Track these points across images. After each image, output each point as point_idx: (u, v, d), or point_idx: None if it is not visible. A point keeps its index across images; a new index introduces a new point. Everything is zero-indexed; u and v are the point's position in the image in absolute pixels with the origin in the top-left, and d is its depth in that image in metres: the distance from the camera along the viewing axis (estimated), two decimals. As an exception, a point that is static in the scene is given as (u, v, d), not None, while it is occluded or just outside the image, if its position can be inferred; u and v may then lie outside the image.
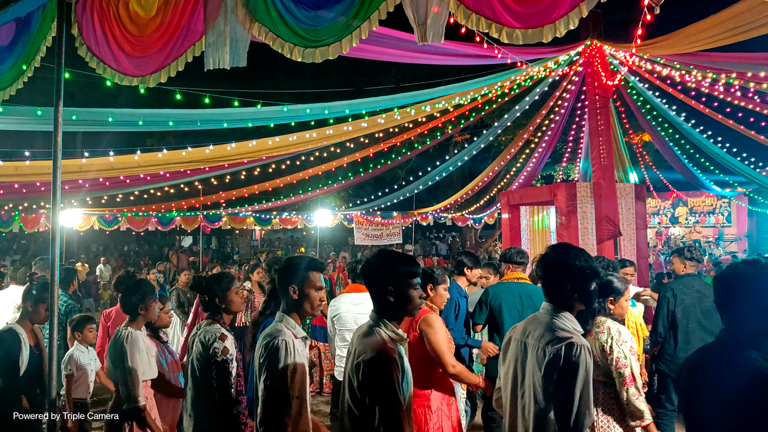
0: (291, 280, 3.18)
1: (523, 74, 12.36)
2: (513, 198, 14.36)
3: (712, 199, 23.82)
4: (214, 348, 3.73)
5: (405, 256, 3.07)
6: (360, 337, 2.88)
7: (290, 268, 3.22)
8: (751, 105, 13.08)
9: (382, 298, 2.86)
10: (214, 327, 3.88)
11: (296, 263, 3.23)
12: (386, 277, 2.86)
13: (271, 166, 15.90)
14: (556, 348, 2.72)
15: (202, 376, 3.74)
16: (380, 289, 2.86)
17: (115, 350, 4.20)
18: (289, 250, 32.91)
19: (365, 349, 2.74)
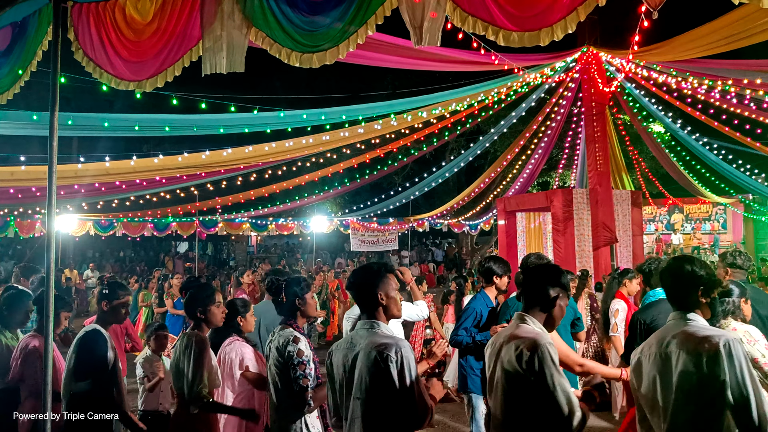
0: (380, 287, 3.16)
1: (519, 80, 12.38)
2: (509, 204, 14.37)
3: (707, 206, 23.87)
4: (288, 351, 3.74)
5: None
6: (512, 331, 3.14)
7: (374, 275, 3.21)
8: (747, 112, 13.10)
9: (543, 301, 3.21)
10: (286, 331, 3.86)
11: (377, 269, 3.26)
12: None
13: (267, 172, 15.87)
14: (714, 345, 2.63)
15: (282, 381, 3.76)
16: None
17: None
18: (285, 257, 32.86)
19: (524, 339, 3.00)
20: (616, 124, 16.03)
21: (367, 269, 3.28)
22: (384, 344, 2.95)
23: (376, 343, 2.97)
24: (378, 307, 3.15)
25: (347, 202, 26.27)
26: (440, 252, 34.14)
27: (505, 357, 3.00)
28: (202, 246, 31.49)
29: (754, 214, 22.51)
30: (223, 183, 17.26)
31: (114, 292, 4.40)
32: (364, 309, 3.19)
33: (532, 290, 3.23)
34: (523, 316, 3.16)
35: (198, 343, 4.11)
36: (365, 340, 3.02)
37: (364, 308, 3.19)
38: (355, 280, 3.28)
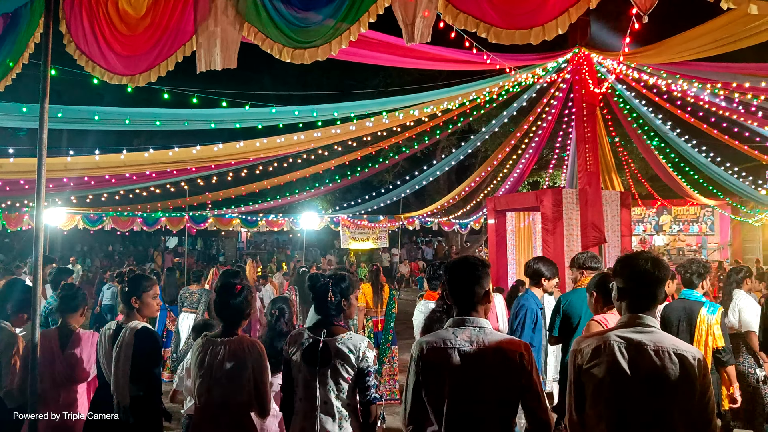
0: (487, 281, 3.11)
1: (511, 80, 12.41)
2: (499, 203, 14.41)
3: (695, 207, 24.06)
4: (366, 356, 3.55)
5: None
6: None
7: (485, 266, 3.13)
8: (736, 115, 13.21)
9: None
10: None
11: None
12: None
13: (258, 168, 15.85)
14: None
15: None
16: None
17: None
18: (275, 253, 32.84)
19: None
20: (607, 125, 16.10)
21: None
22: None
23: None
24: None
25: (338, 199, 26.30)
26: (430, 250, 34.20)
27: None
28: (191, 241, 31.43)
29: (741, 216, 22.71)
30: (214, 178, 17.23)
31: (139, 284, 4.31)
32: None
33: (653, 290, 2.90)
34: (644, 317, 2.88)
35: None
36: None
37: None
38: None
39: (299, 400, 3.56)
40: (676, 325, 5.41)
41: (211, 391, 3.70)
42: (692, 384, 2.65)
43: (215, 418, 3.70)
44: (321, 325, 3.63)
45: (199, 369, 3.73)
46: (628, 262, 2.96)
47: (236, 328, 3.86)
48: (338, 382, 3.46)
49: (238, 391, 3.72)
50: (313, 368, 3.50)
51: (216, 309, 3.92)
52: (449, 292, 3.14)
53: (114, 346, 4.06)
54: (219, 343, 3.77)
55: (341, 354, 3.46)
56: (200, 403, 3.75)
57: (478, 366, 2.86)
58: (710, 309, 5.37)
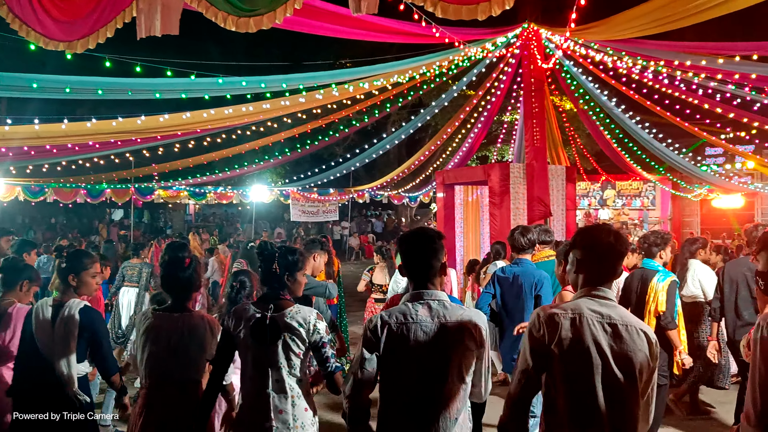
0: (442, 253, 3.05)
1: (461, 54, 12.46)
2: (448, 177, 14.52)
3: (638, 182, 24.70)
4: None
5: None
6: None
7: (440, 238, 3.07)
8: (678, 93, 13.54)
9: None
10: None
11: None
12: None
13: (206, 140, 15.60)
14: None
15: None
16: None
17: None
18: (223, 226, 32.51)
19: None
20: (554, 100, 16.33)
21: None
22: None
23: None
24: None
25: (288, 172, 26.12)
26: (380, 223, 34.32)
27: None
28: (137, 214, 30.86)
29: (681, 191, 23.43)
30: (160, 150, 16.91)
31: (79, 261, 4.09)
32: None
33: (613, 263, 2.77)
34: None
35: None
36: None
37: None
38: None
39: (248, 378, 3.42)
40: (635, 293, 5.66)
41: (161, 368, 3.61)
42: (652, 363, 2.58)
43: (166, 396, 3.60)
44: (267, 299, 3.49)
45: (150, 344, 3.63)
46: (588, 234, 2.84)
47: (186, 302, 3.78)
48: (290, 358, 3.36)
49: (189, 368, 3.64)
50: (262, 345, 3.36)
51: (164, 283, 3.82)
52: (404, 264, 3.07)
53: (54, 325, 3.86)
54: (168, 318, 3.68)
55: (291, 329, 3.34)
56: (150, 381, 3.65)
57: (440, 341, 2.83)
58: (661, 277, 5.60)
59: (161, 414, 3.59)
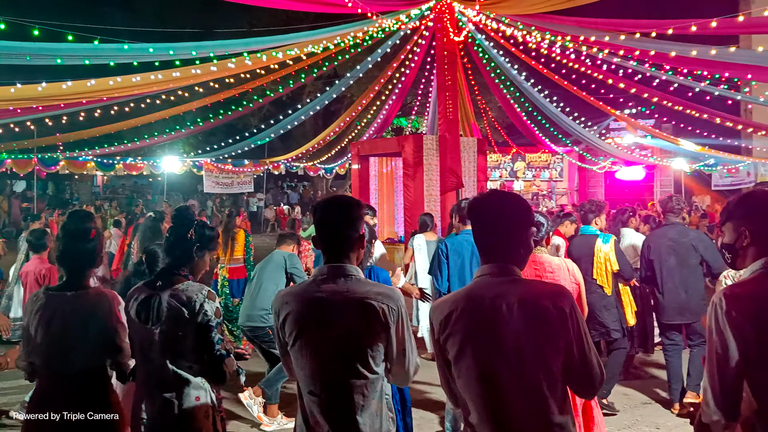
0: (361, 223, 2.73)
1: (375, 26, 12.48)
2: (363, 149, 14.60)
3: (547, 155, 25.53)
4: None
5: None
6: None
7: (359, 207, 2.75)
8: (584, 68, 14.02)
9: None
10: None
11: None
12: None
13: (113, 108, 15.05)
14: None
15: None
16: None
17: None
18: (134, 197, 31.58)
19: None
20: (467, 73, 16.60)
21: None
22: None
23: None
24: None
25: (201, 142, 25.53)
26: (296, 195, 34.15)
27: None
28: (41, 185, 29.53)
29: (587, 164, 24.39)
30: (64, 118, 16.20)
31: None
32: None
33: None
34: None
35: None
36: None
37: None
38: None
39: (138, 365, 3.10)
40: (580, 259, 5.88)
41: (59, 356, 3.18)
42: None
43: (64, 388, 3.17)
44: (160, 275, 3.12)
45: (42, 330, 3.21)
46: (473, 203, 2.53)
47: (84, 278, 3.32)
48: (175, 343, 2.97)
49: (92, 354, 3.21)
50: (146, 327, 2.99)
51: (63, 257, 3.37)
52: (317, 235, 2.72)
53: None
54: (62, 299, 3.25)
55: (173, 308, 2.95)
56: (45, 371, 3.24)
57: (344, 322, 2.51)
58: (604, 239, 6.04)
59: (61, 411, 3.13)
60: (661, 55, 11.24)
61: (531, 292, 2.27)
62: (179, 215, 3.27)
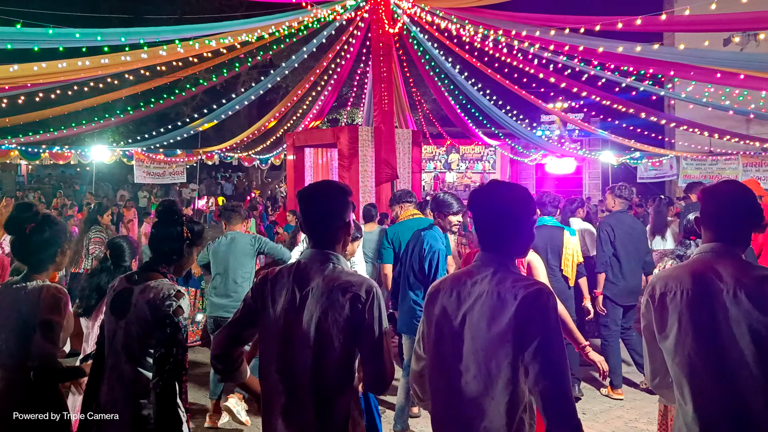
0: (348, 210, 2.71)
1: (310, 15, 12.43)
2: (298, 139, 14.55)
3: (480, 147, 25.96)
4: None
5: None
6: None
7: (345, 194, 2.70)
8: (516, 62, 14.30)
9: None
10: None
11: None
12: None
13: (38, 95, 14.53)
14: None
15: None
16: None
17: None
18: (61, 187, 30.58)
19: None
20: (402, 65, 16.70)
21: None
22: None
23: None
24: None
25: (131, 131, 24.87)
26: (230, 186, 33.69)
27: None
28: (-41, 175, 28.33)
29: (518, 156, 24.92)
30: (-17, 105, 15.55)
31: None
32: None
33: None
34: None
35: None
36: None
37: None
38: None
39: (106, 357, 2.95)
40: (545, 250, 6.11)
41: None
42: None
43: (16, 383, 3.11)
44: (140, 269, 3.02)
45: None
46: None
47: (36, 272, 3.25)
48: (134, 340, 2.85)
49: (17, 350, 3.09)
50: (116, 321, 2.90)
51: (19, 249, 3.29)
52: (302, 223, 2.71)
53: None
54: (8, 291, 3.20)
55: (139, 303, 2.83)
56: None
57: (317, 314, 2.46)
58: (571, 232, 6.31)
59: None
60: (589, 50, 11.57)
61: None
62: (168, 211, 3.10)
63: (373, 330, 2.46)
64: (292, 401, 2.48)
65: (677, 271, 2.56)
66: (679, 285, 2.48)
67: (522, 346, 2.20)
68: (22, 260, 3.32)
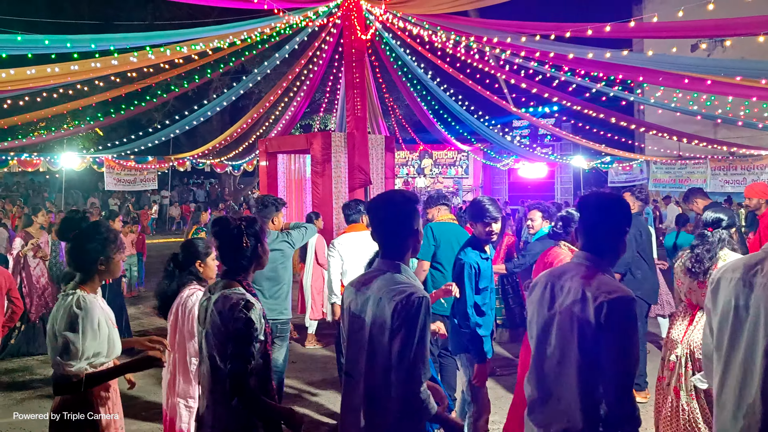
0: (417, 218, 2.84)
1: (282, 21, 12.42)
2: (271, 146, 14.50)
3: (453, 152, 26.12)
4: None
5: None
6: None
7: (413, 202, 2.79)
8: (488, 68, 14.43)
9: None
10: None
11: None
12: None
13: (6, 102, 14.33)
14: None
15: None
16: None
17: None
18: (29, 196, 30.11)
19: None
20: (374, 71, 16.76)
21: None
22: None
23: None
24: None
25: (102, 138, 24.63)
26: (202, 192, 33.50)
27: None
28: (-75, 183, 27.78)
29: (491, 161, 25.11)
30: (-48, 112, 15.30)
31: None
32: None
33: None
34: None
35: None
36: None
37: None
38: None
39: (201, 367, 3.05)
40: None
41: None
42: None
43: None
44: (222, 276, 3.05)
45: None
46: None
47: (84, 279, 3.26)
48: (214, 348, 2.87)
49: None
50: (201, 329, 2.98)
51: (67, 255, 3.35)
52: (373, 231, 2.78)
53: None
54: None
55: (214, 314, 2.86)
56: None
57: (379, 321, 2.58)
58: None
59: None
60: (560, 56, 11.70)
61: None
62: (226, 227, 3.04)
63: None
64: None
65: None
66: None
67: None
68: (71, 267, 3.33)
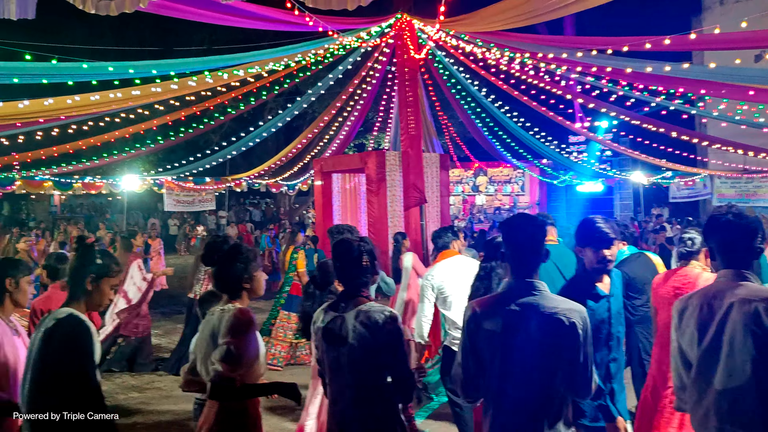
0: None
1: (336, 43, 12.53)
2: (326, 165, 14.61)
3: (509, 169, 25.84)
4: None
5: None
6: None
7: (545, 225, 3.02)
8: (543, 84, 14.26)
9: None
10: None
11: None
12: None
13: (71, 127, 14.80)
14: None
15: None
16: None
17: None
18: (92, 217, 31.06)
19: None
20: (428, 89, 16.75)
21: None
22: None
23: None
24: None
25: (161, 160, 25.22)
26: (258, 212, 33.90)
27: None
28: (-5, 205, 28.95)
29: (548, 178, 24.74)
30: (20, 137, 15.88)
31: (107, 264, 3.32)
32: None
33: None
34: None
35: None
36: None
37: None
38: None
39: (329, 383, 3.21)
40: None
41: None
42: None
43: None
44: (346, 296, 3.20)
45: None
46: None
47: (233, 298, 3.35)
48: (361, 363, 3.05)
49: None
50: (337, 349, 3.07)
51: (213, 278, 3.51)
52: (508, 253, 2.88)
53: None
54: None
55: (357, 329, 3.01)
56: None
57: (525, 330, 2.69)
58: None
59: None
60: (617, 71, 11.48)
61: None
62: (346, 249, 3.23)
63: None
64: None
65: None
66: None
67: None
68: (218, 288, 3.43)
